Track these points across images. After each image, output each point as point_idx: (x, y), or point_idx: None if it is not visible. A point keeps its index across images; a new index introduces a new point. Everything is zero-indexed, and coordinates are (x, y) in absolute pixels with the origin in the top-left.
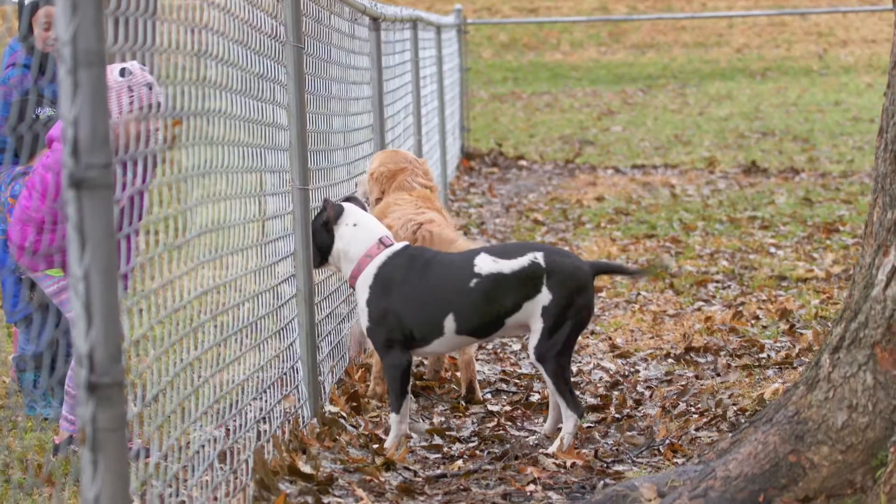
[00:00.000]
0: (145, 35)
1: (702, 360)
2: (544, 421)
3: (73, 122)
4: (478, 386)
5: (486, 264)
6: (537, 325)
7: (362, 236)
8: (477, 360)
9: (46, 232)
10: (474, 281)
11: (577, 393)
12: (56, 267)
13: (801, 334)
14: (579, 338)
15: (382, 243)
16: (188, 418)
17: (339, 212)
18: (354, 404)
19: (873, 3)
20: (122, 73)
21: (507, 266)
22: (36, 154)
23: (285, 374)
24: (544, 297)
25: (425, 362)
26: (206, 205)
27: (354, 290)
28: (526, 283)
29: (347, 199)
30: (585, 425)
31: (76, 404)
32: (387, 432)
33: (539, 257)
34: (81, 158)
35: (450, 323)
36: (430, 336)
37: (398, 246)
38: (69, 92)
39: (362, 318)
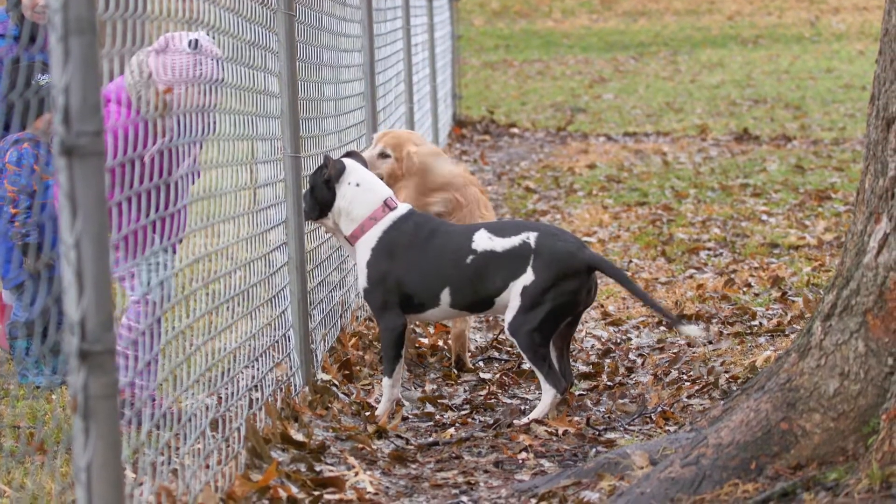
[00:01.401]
0: (136, 2)
1: None
2: (536, 388)
3: (63, 89)
4: (468, 358)
5: (482, 241)
6: (515, 303)
7: (367, 198)
8: (471, 327)
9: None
10: (470, 258)
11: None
12: None
13: (793, 302)
14: (578, 326)
15: (387, 205)
16: (180, 386)
17: (341, 169)
18: (346, 372)
19: None
20: (191, 44)
21: (500, 244)
22: (30, 121)
23: (277, 342)
24: (527, 277)
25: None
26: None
27: (354, 248)
28: (514, 262)
29: (348, 155)
30: (577, 393)
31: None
32: (378, 401)
33: (531, 238)
34: (73, 126)
35: (445, 296)
36: (426, 305)
37: (403, 210)
38: (60, 59)
39: (360, 278)
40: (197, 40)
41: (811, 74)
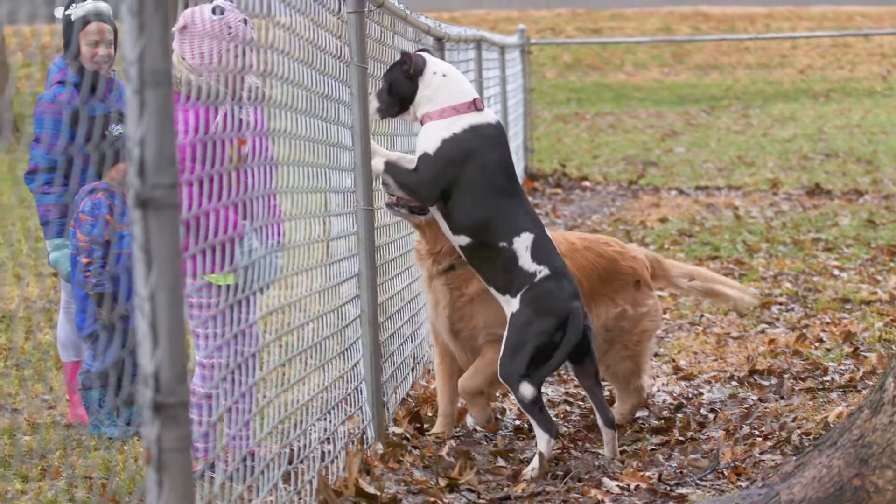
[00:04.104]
0: (211, 56)
1: (766, 383)
2: (599, 440)
3: (139, 141)
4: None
5: (520, 244)
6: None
7: (456, 88)
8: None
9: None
10: (503, 243)
11: (643, 413)
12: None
13: (865, 357)
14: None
15: (475, 106)
16: (253, 438)
17: (423, 62)
18: (418, 425)
19: None
20: (215, 11)
21: (525, 259)
22: (105, 171)
23: (349, 394)
24: (514, 304)
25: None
26: (272, 224)
27: (421, 124)
28: (519, 280)
29: (422, 51)
30: (649, 447)
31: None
32: (450, 454)
33: (542, 272)
34: (148, 178)
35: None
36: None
37: (491, 117)
38: (136, 112)
39: (420, 148)
40: (219, 6)
41: (883, 128)
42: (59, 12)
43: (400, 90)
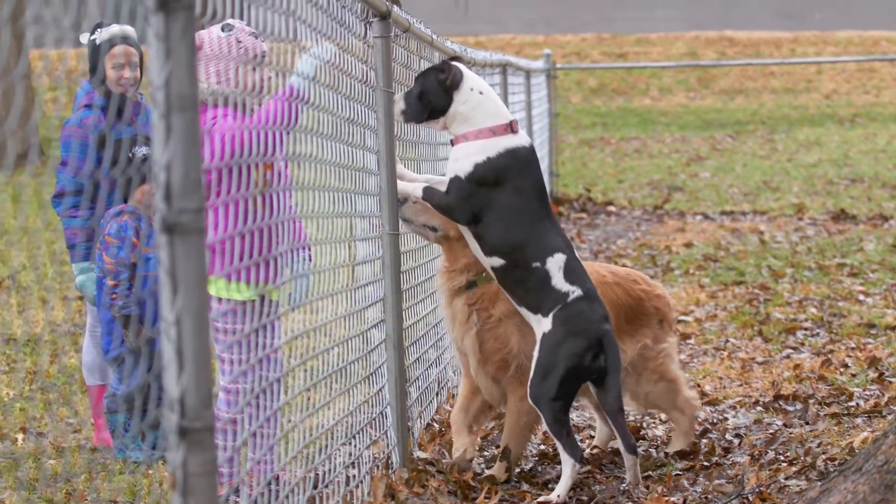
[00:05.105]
0: (237, 79)
1: (791, 408)
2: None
3: (165, 166)
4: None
5: (553, 264)
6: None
7: (493, 108)
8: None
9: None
10: (536, 263)
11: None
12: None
13: (891, 382)
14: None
15: (511, 128)
16: (278, 463)
17: (461, 75)
18: (443, 450)
19: None
20: (224, 28)
21: (558, 279)
22: (131, 194)
23: (374, 419)
24: (546, 324)
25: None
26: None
27: (452, 143)
28: (551, 300)
29: (455, 60)
30: (674, 473)
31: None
32: (477, 479)
33: (575, 293)
34: (174, 203)
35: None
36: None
37: (525, 139)
38: (162, 136)
39: (451, 169)
40: (227, 24)
41: None
42: (84, 38)
43: (432, 99)
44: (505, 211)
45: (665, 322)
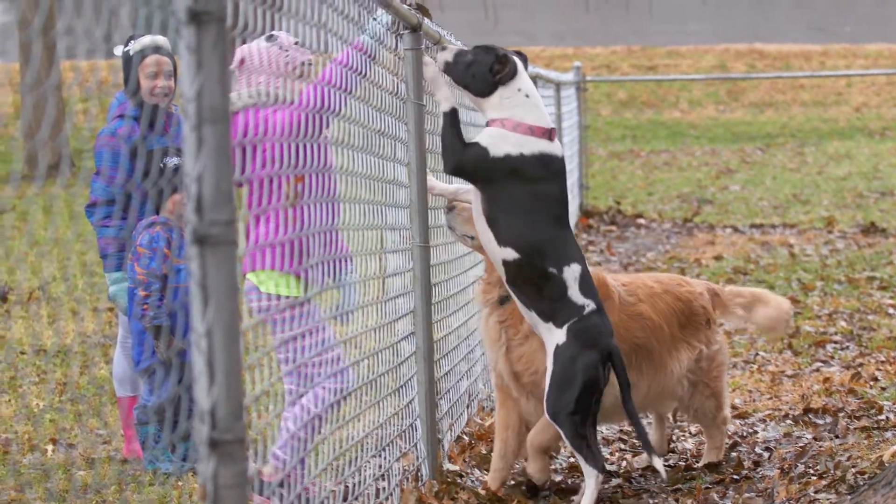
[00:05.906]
0: (268, 91)
1: (820, 422)
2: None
3: (196, 178)
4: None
5: (569, 274)
6: (548, 363)
7: (537, 111)
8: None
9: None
10: (554, 273)
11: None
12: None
13: None
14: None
15: (550, 135)
16: (308, 475)
17: (514, 74)
18: (473, 462)
19: None
20: (268, 39)
21: (574, 291)
22: (162, 204)
23: (404, 431)
24: (560, 335)
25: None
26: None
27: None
28: (564, 312)
29: (518, 54)
30: (703, 486)
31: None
32: (507, 493)
33: (590, 307)
34: (205, 215)
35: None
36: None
37: (559, 149)
38: (193, 148)
39: (482, 140)
40: (270, 35)
41: None
42: (118, 50)
43: (476, 78)
44: (526, 205)
45: (711, 320)
